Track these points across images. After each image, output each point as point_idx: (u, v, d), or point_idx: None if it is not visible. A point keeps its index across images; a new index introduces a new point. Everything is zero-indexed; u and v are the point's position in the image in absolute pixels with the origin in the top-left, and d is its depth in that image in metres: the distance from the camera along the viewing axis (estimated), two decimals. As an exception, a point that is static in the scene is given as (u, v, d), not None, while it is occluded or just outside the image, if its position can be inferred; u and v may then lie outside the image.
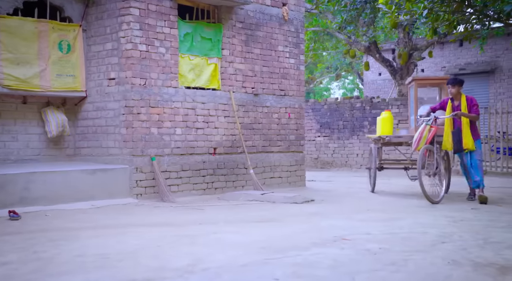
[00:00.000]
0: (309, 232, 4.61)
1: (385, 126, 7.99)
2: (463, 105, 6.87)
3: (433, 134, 6.75)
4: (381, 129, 8.03)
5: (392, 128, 8.06)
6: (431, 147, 6.82)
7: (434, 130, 6.77)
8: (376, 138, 7.99)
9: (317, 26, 16.59)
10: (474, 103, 6.91)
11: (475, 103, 6.92)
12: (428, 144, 6.75)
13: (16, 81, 6.65)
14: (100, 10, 7.17)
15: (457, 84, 6.93)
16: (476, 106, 6.88)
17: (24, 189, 5.77)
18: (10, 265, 3.30)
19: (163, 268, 3.25)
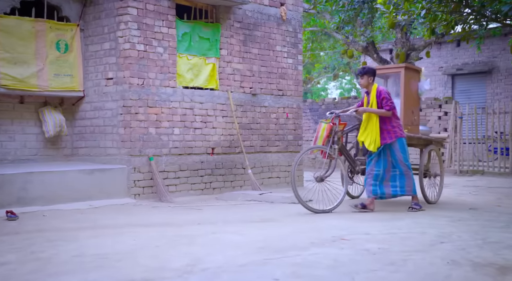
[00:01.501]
0: (308, 232, 4.60)
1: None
2: (372, 99, 5.93)
3: (328, 133, 5.95)
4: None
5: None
6: (323, 148, 5.95)
7: (328, 127, 5.96)
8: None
9: (315, 26, 16.60)
10: (383, 96, 5.86)
11: (384, 95, 5.86)
12: (323, 144, 5.96)
13: (13, 81, 6.62)
14: (98, 9, 7.15)
15: (365, 74, 5.98)
16: (386, 100, 5.84)
17: (22, 189, 5.74)
18: (8, 265, 3.29)
19: (162, 268, 3.24)
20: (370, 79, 5.98)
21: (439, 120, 12.43)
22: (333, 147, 5.93)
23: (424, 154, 6.68)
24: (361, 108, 5.98)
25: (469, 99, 16.04)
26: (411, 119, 6.77)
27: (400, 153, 5.91)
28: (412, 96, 6.81)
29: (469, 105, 12.39)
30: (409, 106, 6.74)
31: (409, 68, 6.84)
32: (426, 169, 6.83)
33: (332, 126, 5.97)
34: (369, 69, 6.02)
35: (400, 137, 5.92)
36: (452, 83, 17.12)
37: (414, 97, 6.87)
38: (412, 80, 6.81)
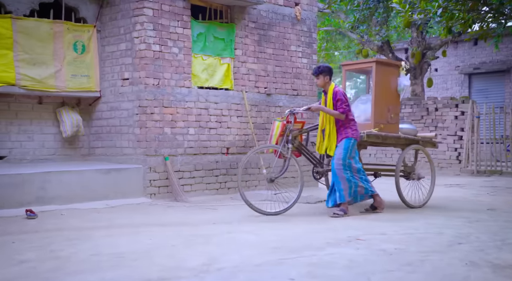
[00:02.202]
0: (323, 232, 4.59)
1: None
2: (329, 100, 5.64)
3: (282, 131, 5.69)
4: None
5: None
6: (276, 147, 5.70)
7: (282, 126, 5.69)
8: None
9: (330, 26, 16.54)
10: (338, 97, 5.56)
11: (339, 97, 5.55)
12: (277, 143, 5.72)
13: (32, 82, 6.71)
14: (114, 10, 7.22)
15: (321, 73, 5.66)
16: (341, 102, 5.54)
17: (41, 189, 5.82)
18: (28, 263, 3.34)
19: (178, 268, 3.26)
20: (326, 78, 5.68)
21: (456, 119, 12.29)
22: (286, 146, 5.66)
23: (402, 154, 6.26)
24: (314, 105, 5.76)
25: (486, 98, 15.83)
26: (386, 117, 6.28)
27: (341, 150, 5.53)
28: (388, 92, 6.34)
29: (486, 104, 12.23)
30: (384, 103, 6.25)
31: (382, 62, 6.48)
32: (409, 171, 6.43)
33: (286, 124, 5.69)
34: (325, 68, 5.71)
35: (349, 137, 5.58)
36: (469, 82, 16.91)
37: (391, 94, 6.39)
38: (390, 76, 6.37)
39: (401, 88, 6.46)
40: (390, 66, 6.50)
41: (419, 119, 12.67)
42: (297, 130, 5.81)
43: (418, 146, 6.47)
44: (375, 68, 6.21)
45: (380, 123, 6.21)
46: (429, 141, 6.71)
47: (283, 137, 5.68)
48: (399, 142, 6.39)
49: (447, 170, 12.01)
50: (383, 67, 6.36)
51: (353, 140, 5.61)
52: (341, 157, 5.51)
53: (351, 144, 5.59)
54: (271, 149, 5.78)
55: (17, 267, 3.24)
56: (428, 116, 12.61)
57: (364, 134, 5.92)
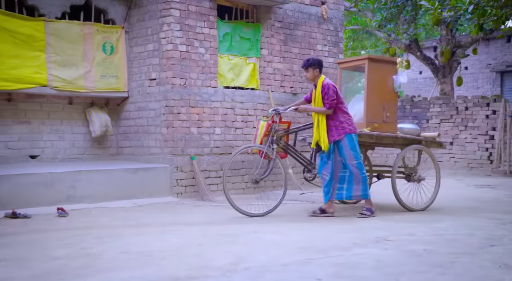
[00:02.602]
0: (350, 232, 4.55)
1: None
2: (318, 94, 5.44)
3: (266, 131, 5.55)
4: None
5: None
6: (261, 147, 5.54)
7: (267, 125, 5.54)
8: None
9: (356, 25, 16.39)
10: (326, 91, 5.35)
11: (327, 91, 5.34)
12: (261, 143, 5.56)
13: (63, 83, 6.86)
14: (142, 12, 7.31)
15: (310, 66, 5.46)
16: (327, 96, 5.33)
17: (71, 187, 5.94)
18: (60, 260, 3.41)
19: (205, 267, 3.28)
20: (315, 71, 5.46)
21: (487, 119, 12.00)
22: (271, 147, 5.51)
23: (401, 155, 6.02)
24: (302, 106, 5.57)
25: (519, 97, 15.41)
26: (382, 116, 6.06)
27: (350, 151, 5.36)
28: (384, 90, 6.11)
29: (519, 103, 11.91)
30: (378, 101, 6.04)
31: (375, 59, 6.24)
32: (410, 172, 6.18)
33: (271, 124, 5.53)
34: (314, 61, 5.49)
35: (350, 132, 5.38)
36: (501, 81, 16.49)
37: (387, 92, 6.14)
38: (386, 73, 6.13)
39: (398, 85, 6.16)
40: (385, 63, 6.24)
41: (448, 119, 12.43)
42: (282, 130, 5.67)
43: (418, 146, 6.18)
44: (367, 65, 6.01)
45: (373, 123, 5.97)
46: (434, 141, 6.42)
47: (268, 137, 5.54)
48: (397, 142, 6.12)
49: (477, 170, 11.74)
50: (377, 64, 6.14)
51: (353, 135, 5.43)
52: (353, 157, 5.37)
53: (354, 140, 5.41)
54: (255, 149, 5.63)
55: (49, 264, 3.31)
56: (457, 116, 12.35)
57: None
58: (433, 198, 6.20)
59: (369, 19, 14.98)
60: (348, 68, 6.57)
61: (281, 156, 5.72)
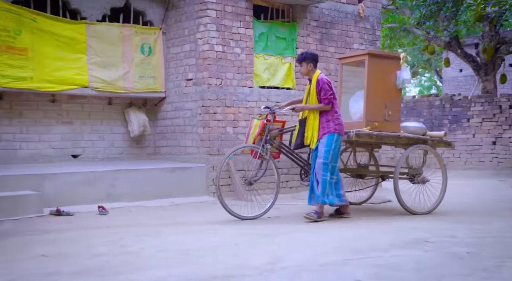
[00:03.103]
0: (388, 233, 4.48)
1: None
2: (312, 89, 5.26)
3: (260, 130, 5.37)
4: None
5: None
6: (255, 147, 5.37)
7: (261, 125, 5.35)
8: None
9: (394, 23, 16.10)
10: (321, 86, 5.17)
11: (322, 85, 5.17)
12: (253, 144, 5.39)
13: (103, 83, 7.03)
14: (179, 13, 7.41)
15: (304, 60, 5.29)
16: (324, 91, 5.15)
17: (111, 186, 6.08)
18: (102, 257, 3.49)
19: (242, 266, 3.29)
20: (309, 66, 5.30)
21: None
22: (265, 147, 5.34)
23: (404, 155, 5.78)
24: (299, 106, 5.35)
25: None
26: (383, 114, 5.80)
27: (323, 148, 5.13)
28: (385, 87, 5.85)
29: None
30: (380, 99, 5.80)
31: (376, 55, 5.99)
32: (414, 173, 5.91)
33: (265, 124, 5.35)
34: (308, 55, 5.32)
35: (332, 132, 5.16)
36: (546, 78, 15.87)
37: (389, 89, 5.88)
38: (388, 69, 5.86)
39: (401, 82, 5.89)
40: (387, 59, 5.99)
41: (491, 118, 12.06)
42: (277, 130, 5.52)
43: (423, 146, 5.93)
44: (367, 60, 5.75)
45: (374, 121, 5.74)
46: (441, 140, 6.13)
47: (261, 136, 5.36)
48: (399, 142, 5.88)
49: (522, 170, 11.35)
50: (378, 59, 5.89)
51: (336, 135, 5.18)
52: (322, 156, 5.11)
53: (335, 140, 5.16)
54: (246, 149, 5.47)
55: (91, 261, 3.40)
56: (501, 114, 11.96)
57: (353, 133, 5.47)
58: (438, 201, 5.93)
59: (407, 16, 14.69)
60: (349, 64, 6.29)
61: (274, 157, 5.55)
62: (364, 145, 6.21)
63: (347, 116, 5.96)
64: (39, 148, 6.79)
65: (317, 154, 5.21)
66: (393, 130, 5.85)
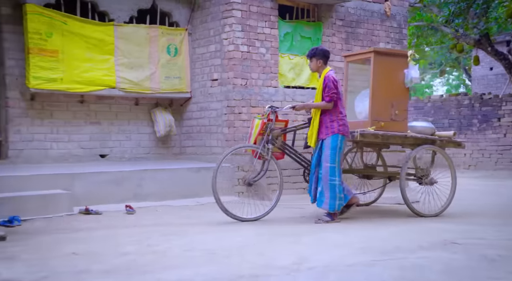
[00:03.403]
0: (414, 233, 4.42)
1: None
2: (319, 86, 5.15)
3: (261, 130, 5.27)
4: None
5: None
6: (254, 147, 5.27)
7: (262, 124, 5.25)
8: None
9: (421, 21, 15.84)
10: (326, 83, 5.03)
11: (327, 83, 5.02)
12: (255, 143, 5.28)
13: (130, 84, 7.14)
14: (205, 13, 7.46)
15: (314, 56, 5.16)
16: (328, 89, 5.01)
17: (138, 186, 6.16)
18: (129, 256, 3.55)
19: (269, 266, 3.29)
20: (319, 62, 5.16)
21: None
22: (266, 147, 5.23)
23: (411, 155, 5.65)
24: (299, 105, 5.30)
25: None
26: (389, 113, 5.66)
27: (328, 151, 5.00)
28: (392, 86, 5.71)
29: None
30: (386, 98, 5.66)
31: (383, 52, 5.85)
32: (422, 174, 5.75)
33: (266, 123, 5.25)
34: (319, 51, 5.18)
35: (336, 133, 5.03)
36: None
37: (396, 88, 5.73)
38: (395, 67, 5.71)
39: (409, 80, 5.71)
40: (394, 56, 5.83)
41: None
42: (279, 129, 5.39)
43: (430, 147, 5.77)
44: (373, 58, 5.60)
45: (380, 121, 5.60)
46: (450, 140, 5.96)
47: (262, 136, 5.26)
48: (406, 142, 5.74)
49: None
50: (385, 57, 5.74)
51: (340, 136, 5.05)
52: (329, 159, 4.99)
53: (339, 142, 5.04)
54: (249, 149, 5.35)
55: (120, 259, 3.45)
56: (534, 114, 11.66)
57: (358, 133, 5.33)
58: (448, 202, 5.78)
59: (435, 14, 14.43)
60: (355, 62, 6.13)
61: (277, 157, 5.45)
62: (371, 145, 6.10)
63: (353, 116, 5.88)
64: (69, 148, 6.94)
65: (319, 154, 5.12)
66: (400, 130, 5.72)
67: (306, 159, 5.60)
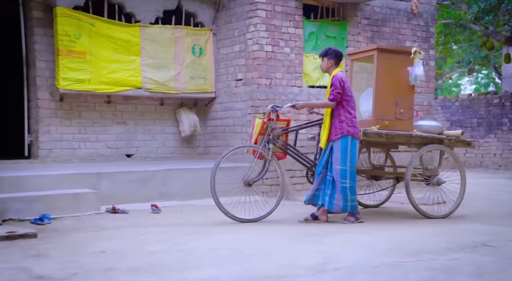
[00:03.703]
0: (442, 235, 4.34)
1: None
2: (328, 86, 5.07)
3: (262, 129, 5.18)
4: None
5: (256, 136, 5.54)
6: (254, 147, 5.19)
7: (262, 123, 5.16)
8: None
9: (449, 18, 15.55)
10: (332, 81, 4.94)
11: (333, 81, 4.93)
12: (255, 143, 5.20)
13: (155, 84, 7.21)
14: (229, 14, 7.49)
15: (325, 56, 5.09)
16: (333, 87, 4.91)
17: (163, 185, 6.22)
18: (156, 254, 3.58)
19: (294, 266, 3.28)
20: (330, 62, 5.07)
21: None
22: (267, 147, 5.14)
23: (416, 155, 5.49)
24: (300, 103, 5.21)
25: None
26: (394, 112, 5.52)
27: (339, 153, 4.91)
28: (397, 84, 5.57)
29: None
30: (390, 96, 5.51)
31: (386, 50, 5.70)
32: (429, 174, 5.61)
33: (267, 122, 5.16)
34: (331, 51, 5.09)
35: (346, 134, 4.92)
36: None
37: (401, 86, 5.58)
38: (399, 65, 5.56)
39: (413, 78, 5.57)
40: (398, 54, 5.67)
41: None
42: (280, 129, 5.29)
43: (437, 146, 5.63)
44: (376, 56, 5.46)
45: (383, 120, 5.46)
46: (459, 140, 5.78)
47: (263, 136, 5.17)
48: (412, 141, 5.59)
49: None
50: (389, 54, 5.59)
51: (350, 138, 4.93)
52: (339, 162, 4.89)
53: (349, 144, 4.93)
54: (251, 149, 5.25)
55: (147, 258, 3.49)
56: None
57: (360, 132, 5.19)
58: (457, 203, 5.63)
59: (464, 11, 14.14)
60: (359, 60, 5.96)
61: (279, 157, 5.36)
62: (379, 145, 5.97)
63: (358, 115, 5.73)
64: (96, 148, 7.05)
65: (330, 155, 5.01)
66: (405, 129, 5.57)
67: (309, 159, 5.53)
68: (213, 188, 5.01)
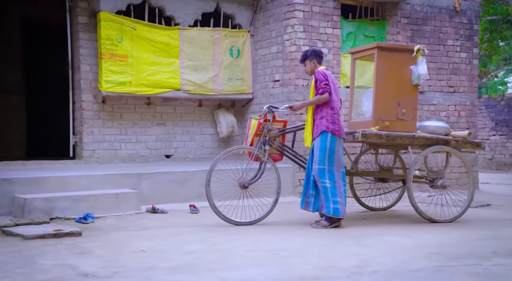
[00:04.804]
0: (487, 239, 4.21)
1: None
2: (312, 85, 4.88)
3: (257, 130, 5.03)
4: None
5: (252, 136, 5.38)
6: (249, 148, 5.06)
7: (258, 124, 5.01)
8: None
9: (495, 15, 15.05)
10: (316, 77, 4.76)
11: (317, 76, 4.74)
12: (251, 144, 5.07)
13: (194, 86, 7.33)
14: (267, 15, 7.52)
15: (306, 59, 4.93)
16: (319, 81, 4.72)
17: (201, 185, 6.28)
18: (195, 254, 3.65)
19: (330, 268, 3.27)
20: (312, 63, 4.91)
21: None
22: (263, 148, 5.01)
23: (419, 157, 5.29)
24: (297, 104, 5.04)
25: None
26: (395, 112, 5.33)
27: (317, 151, 4.70)
28: (398, 83, 5.37)
29: None
30: (391, 96, 5.33)
31: (387, 48, 5.48)
32: (434, 177, 5.39)
33: (263, 123, 5.02)
34: (310, 52, 4.93)
35: (325, 130, 4.71)
36: None
37: (404, 85, 5.38)
38: (401, 63, 5.36)
39: (416, 77, 5.37)
40: (400, 52, 5.45)
41: None
42: (276, 130, 5.13)
43: (442, 147, 5.40)
44: (377, 54, 5.28)
45: (384, 120, 5.27)
46: (466, 141, 5.55)
47: (259, 137, 5.04)
48: (415, 142, 5.37)
49: None
50: (390, 53, 5.39)
51: (330, 135, 4.71)
52: (317, 161, 4.71)
53: (328, 141, 4.71)
54: (246, 150, 5.13)
55: (185, 257, 3.56)
56: None
57: (359, 133, 5.04)
58: (465, 208, 5.38)
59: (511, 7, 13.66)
60: (361, 58, 5.77)
61: (275, 159, 5.23)
62: (387, 146, 5.81)
63: (359, 115, 5.64)
64: (137, 149, 7.23)
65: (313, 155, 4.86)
66: (408, 130, 5.36)
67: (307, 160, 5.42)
68: (208, 190, 4.93)
